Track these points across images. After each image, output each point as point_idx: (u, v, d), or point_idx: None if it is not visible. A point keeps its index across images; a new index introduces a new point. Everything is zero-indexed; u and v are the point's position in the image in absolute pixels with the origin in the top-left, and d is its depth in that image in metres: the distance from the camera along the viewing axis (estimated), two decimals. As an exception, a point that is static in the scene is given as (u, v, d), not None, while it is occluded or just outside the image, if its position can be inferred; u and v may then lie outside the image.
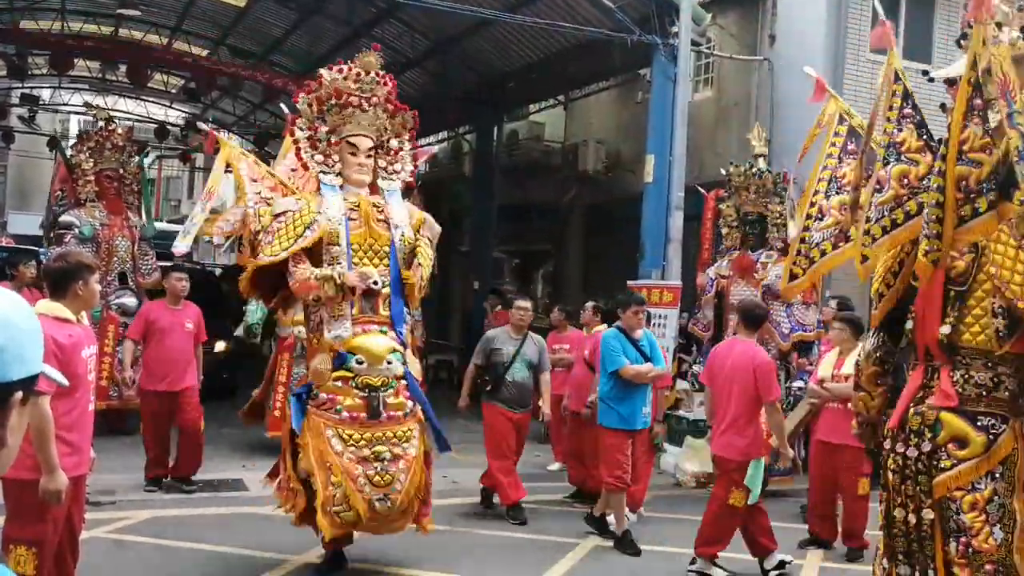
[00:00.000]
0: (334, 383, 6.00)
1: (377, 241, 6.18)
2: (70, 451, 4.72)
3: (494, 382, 8.67)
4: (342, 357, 5.98)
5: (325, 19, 18.14)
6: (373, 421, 5.95)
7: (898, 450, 4.51)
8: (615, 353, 7.92)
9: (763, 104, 14.47)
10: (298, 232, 6.00)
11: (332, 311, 5.98)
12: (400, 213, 6.32)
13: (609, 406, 7.96)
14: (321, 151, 6.29)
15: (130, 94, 27.11)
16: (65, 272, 4.90)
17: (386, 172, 6.46)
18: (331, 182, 6.23)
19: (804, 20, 14.01)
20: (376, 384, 5.99)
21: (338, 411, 5.94)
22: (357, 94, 6.30)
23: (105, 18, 21.55)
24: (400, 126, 6.55)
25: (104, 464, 7.34)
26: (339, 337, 5.97)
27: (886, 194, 4.60)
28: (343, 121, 6.29)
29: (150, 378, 8.88)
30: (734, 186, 10.89)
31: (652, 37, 13.09)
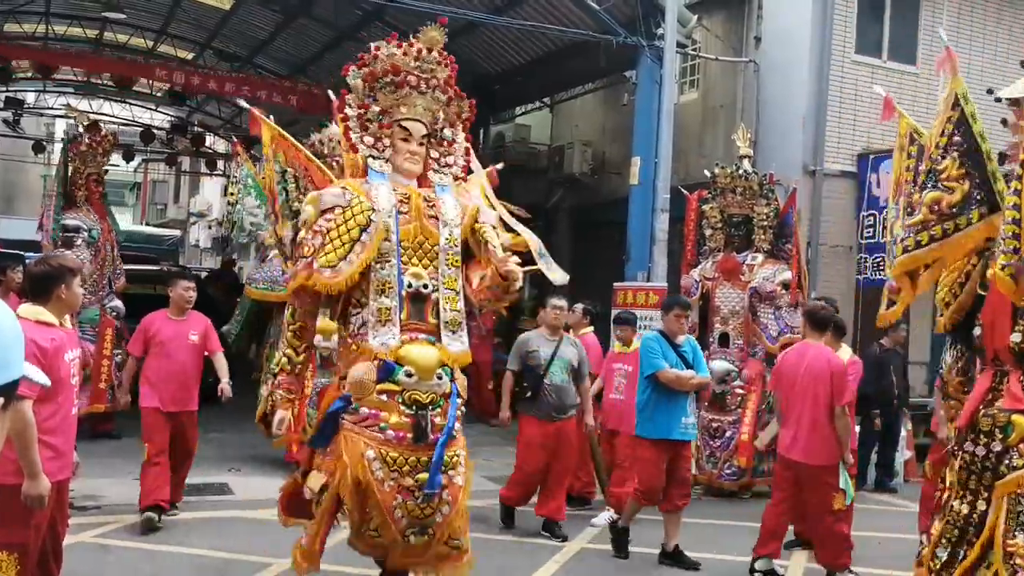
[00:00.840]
0: (378, 397, 5.14)
1: (428, 239, 5.36)
2: (53, 455, 4.68)
3: (532, 388, 8.17)
4: (388, 368, 5.14)
5: (310, 21, 18.12)
6: (419, 444, 5.13)
7: (967, 449, 4.86)
8: (654, 355, 7.50)
9: (749, 106, 14.49)
10: (353, 235, 5.15)
11: (380, 315, 5.19)
12: (453, 211, 5.48)
13: (646, 415, 7.56)
14: (372, 132, 5.48)
15: (116, 97, 27.02)
16: (47, 275, 4.87)
17: (438, 164, 5.66)
18: (379, 168, 5.44)
19: (790, 22, 14.04)
20: (424, 401, 5.17)
21: (382, 429, 5.09)
22: (416, 73, 5.49)
23: (90, 21, 21.48)
24: (455, 115, 5.76)
25: (88, 468, 7.35)
26: (386, 345, 5.14)
27: (915, 218, 5.03)
28: (397, 102, 5.48)
29: (151, 394, 7.96)
30: (719, 187, 10.89)
31: (637, 39, 13.10)
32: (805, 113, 13.73)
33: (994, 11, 15.02)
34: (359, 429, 5.11)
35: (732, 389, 10.31)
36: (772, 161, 12.82)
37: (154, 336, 8.04)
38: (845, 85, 13.99)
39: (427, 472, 5.06)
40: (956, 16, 14.73)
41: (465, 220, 5.48)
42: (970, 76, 14.71)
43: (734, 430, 10.22)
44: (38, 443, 4.49)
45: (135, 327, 9.73)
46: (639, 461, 7.64)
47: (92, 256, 11.14)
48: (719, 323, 10.59)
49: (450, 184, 5.62)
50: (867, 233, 13.51)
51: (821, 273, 13.63)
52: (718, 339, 10.57)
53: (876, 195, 13.42)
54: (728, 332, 10.52)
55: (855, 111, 14.09)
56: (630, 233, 13.10)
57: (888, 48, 14.37)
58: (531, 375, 8.17)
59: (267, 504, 8.63)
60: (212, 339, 8.27)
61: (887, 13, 14.34)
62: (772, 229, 10.72)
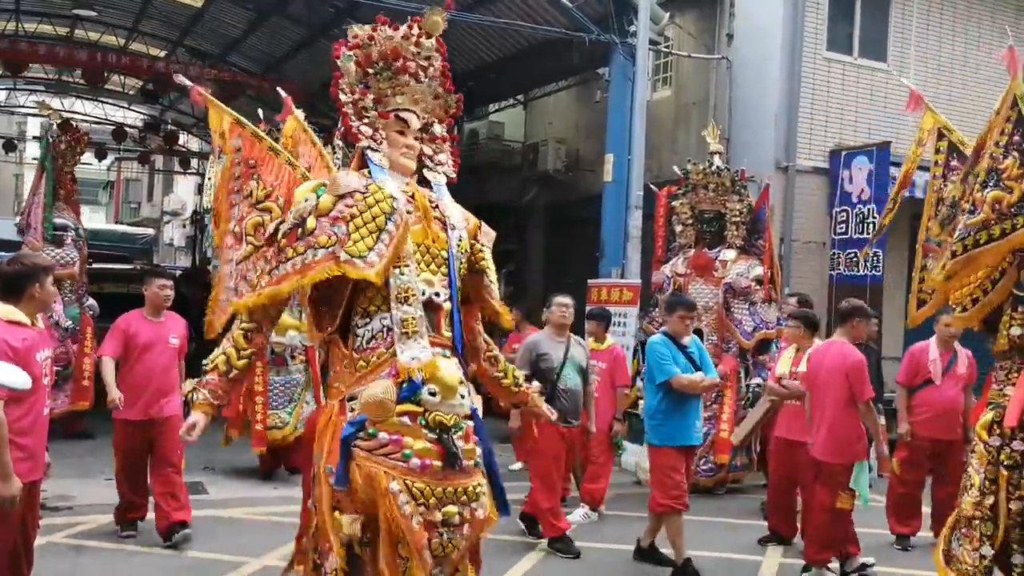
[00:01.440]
0: (399, 419, 4.43)
1: (435, 243, 4.75)
2: (24, 456, 4.66)
3: (546, 393, 7.45)
4: (413, 386, 4.46)
5: (283, 20, 18.04)
6: (449, 472, 4.46)
7: (1015, 448, 5.09)
8: (665, 362, 7.20)
9: (721, 103, 14.57)
10: (379, 224, 4.49)
11: (405, 325, 4.51)
12: (456, 213, 4.95)
13: (659, 421, 7.28)
14: (369, 122, 4.84)
15: (87, 95, 26.83)
16: (20, 274, 4.85)
17: (432, 161, 5.07)
18: (381, 162, 4.78)
19: (762, 19, 14.12)
20: (448, 423, 4.51)
21: (406, 456, 4.38)
22: (415, 60, 4.92)
23: (60, 19, 21.31)
24: (442, 110, 5.19)
25: (61, 469, 7.31)
26: (418, 359, 4.46)
27: (977, 216, 5.08)
28: (393, 91, 4.88)
29: (125, 402, 7.32)
30: (692, 184, 10.93)
31: (610, 36, 13.14)
32: (777, 110, 13.81)
33: (963, 8, 15.15)
34: (378, 458, 4.38)
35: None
36: (745, 158, 12.90)
37: (132, 338, 7.43)
38: (817, 82, 14.09)
39: (455, 505, 4.44)
40: (926, 13, 14.86)
41: (471, 227, 4.98)
42: (940, 72, 14.93)
43: (710, 426, 10.25)
44: (9, 444, 4.48)
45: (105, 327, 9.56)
46: (659, 471, 7.27)
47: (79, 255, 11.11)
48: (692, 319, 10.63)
49: (445, 184, 5.07)
50: (840, 229, 13.61)
51: (794, 269, 13.72)
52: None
53: (848, 191, 13.52)
54: (702, 328, 10.55)
55: (827, 108, 14.19)
56: (604, 230, 13.15)
57: (859, 45, 14.48)
58: (543, 380, 7.42)
59: (241, 503, 8.67)
60: (186, 343, 7.81)
61: (858, 10, 14.45)
62: (745, 225, 10.77)
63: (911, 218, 14.47)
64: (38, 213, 10.65)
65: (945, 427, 8.10)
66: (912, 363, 8.44)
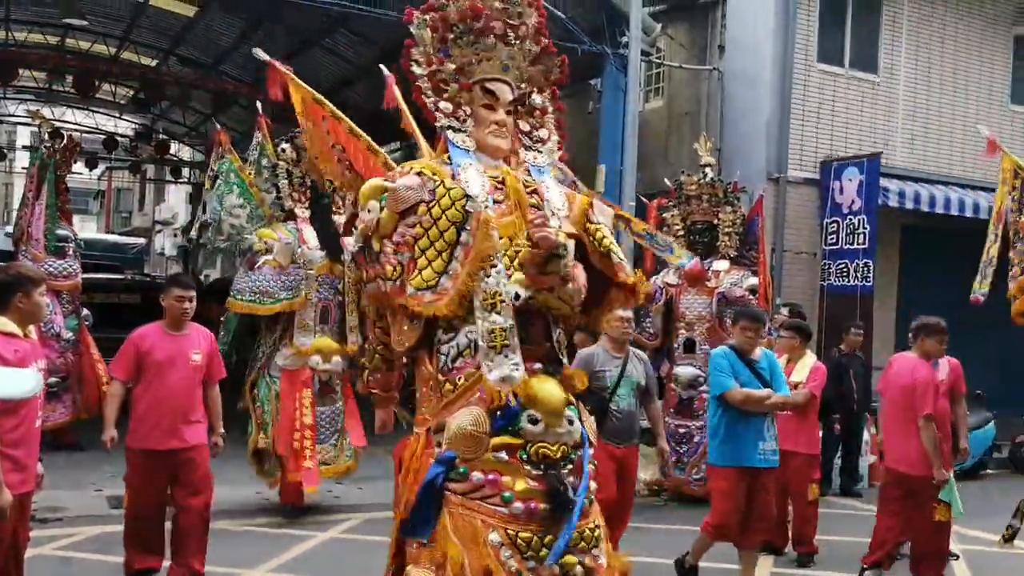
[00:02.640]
0: (495, 455, 3.74)
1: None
2: (15, 468, 4.62)
3: (597, 412, 6.67)
4: (510, 413, 3.76)
5: (275, 28, 18.05)
6: (560, 515, 3.75)
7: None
8: (722, 374, 6.76)
9: (713, 113, 14.62)
10: (449, 239, 3.86)
11: (493, 338, 3.77)
12: (559, 199, 4.17)
13: (718, 440, 6.84)
14: (450, 97, 4.14)
15: (78, 104, 26.80)
16: (5, 285, 4.81)
17: (530, 139, 4.32)
18: (463, 144, 4.09)
19: (753, 31, 14.18)
20: (555, 457, 3.79)
21: (506, 500, 3.71)
22: (502, 18, 4.19)
23: (52, 28, 21.28)
24: (543, 76, 4.43)
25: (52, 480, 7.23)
26: (510, 379, 3.74)
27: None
28: (477, 57, 4.16)
29: (137, 431, 6.30)
30: (685, 195, 10.92)
31: (602, 47, 13.18)
32: (768, 121, 13.86)
33: (952, 21, 15.23)
34: (472, 502, 3.72)
35: (700, 394, 10.34)
36: (736, 168, 12.92)
37: (147, 354, 6.34)
38: (808, 93, 14.14)
39: (573, 553, 3.76)
40: (916, 25, 14.94)
41: (575, 213, 4.19)
42: (929, 84, 15.00)
43: (701, 436, 10.24)
44: (1, 456, 4.46)
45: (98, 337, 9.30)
46: (714, 493, 6.94)
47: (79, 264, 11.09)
48: (684, 329, 10.61)
49: (547, 165, 4.34)
50: (831, 240, 13.65)
51: (785, 279, 13.75)
52: (684, 345, 10.59)
53: (839, 202, 13.57)
54: (694, 338, 10.54)
55: (818, 119, 14.25)
56: (596, 240, 13.13)
57: (850, 57, 14.54)
58: (596, 398, 6.83)
59: (237, 514, 8.61)
60: (216, 363, 6.66)
61: (848, 23, 14.52)
62: (738, 235, 10.77)
63: (901, 229, 14.56)
64: (39, 224, 10.60)
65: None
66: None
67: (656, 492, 10.54)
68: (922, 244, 14.69)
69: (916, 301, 13.06)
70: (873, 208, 13.10)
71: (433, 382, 3.94)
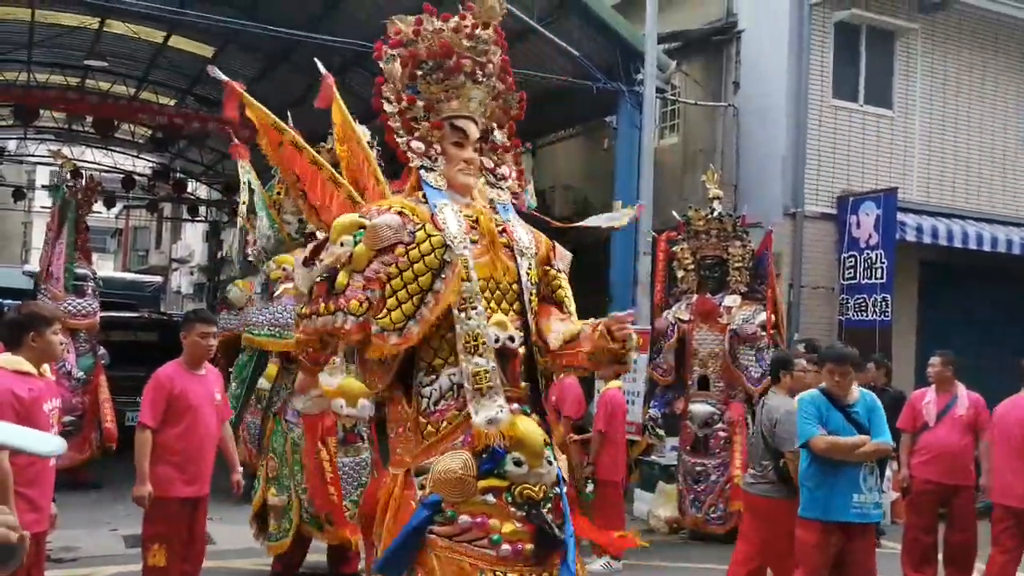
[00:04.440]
0: (482, 498, 3.72)
1: (506, 276, 4.01)
2: (29, 507, 4.62)
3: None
4: (496, 456, 3.73)
5: (291, 68, 18.20)
6: (545, 553, 3.76)
7: None
8: (806, 420, 6.26)
9: (729, 149, 14.62)
10: (423, 284, 3.77)
11: (477, 380, 3.74)
12: (525, 236, 4.18)
13: (806, 488, 6.34)
14: (421, 135, 4.11)
15: (97, 144, 27.05)
16: (17, 324, 4.85)
17: (494, 176, 4.34)
18: (438, 183, 4.06)
19: (767, 67, 14.20)
20: (538, 497, 3.78)
21: (494, 542, 3.68)
22: (471, 56, 4.15)
23: (72, 69, 21.54)
24: (503, 111, 4.43)
25: (67, 519, 7.21)
26: (495, 422, 3.71)
27: None
28: (446, 94, 4.15)
29: (173, 479, 6.03)
30: (693, 230, 10.88)
31: (617, 85, 13.23)
32: (784, 156, 13.84)
33: (967, 56, 15.23)
34: (459, 546, 3.67)
35: (715, 432, 10.27)
36: (752, 204, 12.90)
37: (179, 398, 6.08)
38: (823, 128, 14.13)
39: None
40: (930, 61, 14.94)
41: (541, 253, 4.23)
42: (944, 119, 14.98)
43: (718, 474, 10.16)
44: (15, 495, 4.44)
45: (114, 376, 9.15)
46: (800, 546, 6.38)
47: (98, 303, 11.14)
48: (698, 366, 10.54)
49: (511, 203, 4.35)
50: (848, 274, 13.58)
51: (803, 314, 13.68)
52: (698, 382, 10.52)
53: (856, 236, 13.52)
54: (708, 375, 10.47)
55: (834, 154, 14.22)
56: (612, 276, 13.15)
57: (864, 92, 14.54)
58: (780, 451, 6.74)
59: (248, 554, 8.56)
60: (226, 401, 6.58)
61: (863, 58, 14.53)
62: (748, 270, 10.70)
63: (919, 263, 14.48)
64: (59, 263, 10.66)
65: (946, 471, 8.00)
66: (909, 408, 8.48)
67: (675, 530, 10.44)
68: (940, 278, 14.61)
69: (935, 335, 12.97)
70: (891, 243, 13.04)
71: (412, 424, 3.87)
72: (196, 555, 6.32)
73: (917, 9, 14.70)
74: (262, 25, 13.26)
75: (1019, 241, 14.40)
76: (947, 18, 14.99)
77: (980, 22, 15.26)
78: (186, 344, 6.23)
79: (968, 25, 15.22)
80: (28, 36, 18.92)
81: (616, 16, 13.56)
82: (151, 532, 6.07)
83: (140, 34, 18.94)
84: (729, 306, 10.50)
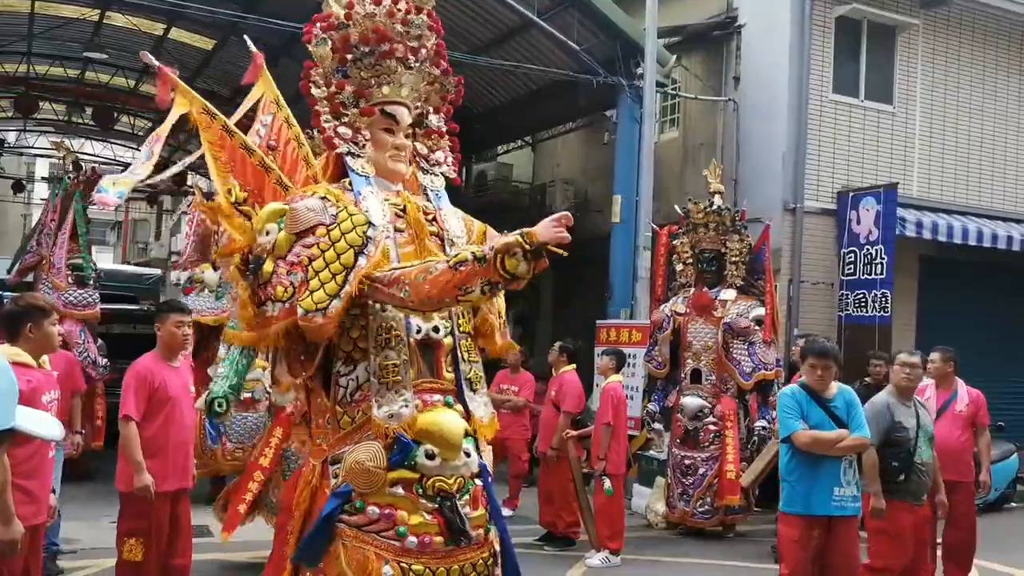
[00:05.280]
0: (390, 490, 3.71)
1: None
2: (27, 499, 4.61)
3: (902, 469, 6.64)
4: (404, 448, 3.70)
5: (292, 61, 18.17)
6: (452, 548, 3.76)
7: None
8: (788, 415, 6.29)
9: (729, 144, 14.61)
10: (346, 262, 3.67)
11: (384, 374, 3.73)
12: (456, 223, 4.13)
13: (789, 484, 6.33)
14: (349, 122, 4.06)
15: (97, 136, 27.01)
16: (14, 315, 4.85)
17: (427, 162, 4.26)
18: (362, 170, 3.99)
19: (768, 62, 14.18)
20: (451, 488, 3.76)
21: (400, 535, 3.67)
22: (403, 41, 4.08)
23: (72, 61, 21.50)
24: (438, 96, 4.39)
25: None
26: (398, 416, 3.69)
27: None
28: (377, 80, 4.08)
29: (151, 471, 5.96)
30: (692, 223, 10.88)
31: (617, 79, 13.23)
32: (784, 151, 13.82)
33: (967, 52, 15.21)
34: (367, 535, 3.69)
35: (705, 426, 10.26)
36: (752, 199, 12.89)
37: (160, 389, 6.04)
38: (824, 123, 14.12)
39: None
40: (931, 56, 14.92)
41: (474, 239, 4.14)
42: (945, 114, 14.97)
43: (707, 467, 10.16)
44: (12, 487, 4.43)
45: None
46: (782, 541, 6.46)
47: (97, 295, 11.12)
48: (691, 359, 10.55)
49: (443, 189, 4.26)
50: (848, 270, 13.58)
51: (803, 310, 13.67)
52: (690, 375, 10.52)
53: (856, 232, 13.51)
54: (700, 368, 10.48)
55: (834, 149, 14.21)
56: (612, 271, 13.15)
57: (865, 88, 14.52)
58: (898, 453, 6.65)
59: (247, 547, 8.56)
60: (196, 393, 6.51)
61: (863, 53, 14.50)
62: (744, 264, 10.71)
63: (919, 259, 14.48)
64: (61, 253, 10.62)
65: (945, 466, 7.95)
66: None
67: (673, 525, 10.45)
68: (940, 274, 14.60)
69: (934, 331, 12.97)
70: (890, 238, 13.03)
71: (330, 414, 3.84)
72: (184, 548, 6.30)
73: (918, 4, 14.67)
74: (263, 18, 13.24)
75: (1019, 237, 14.39)
76: (948, 13, 14.97)
77: (981, 17, 15.24)
78: (161, 335, 6.20)
79: (969, 20, 15.20)
80: (28, 27, 18.88)
81: (616, 10, 13.55)
82: (128, 526, 6.03)
83: (140, 26, 18.89)
84: (724, 300, 10.51)
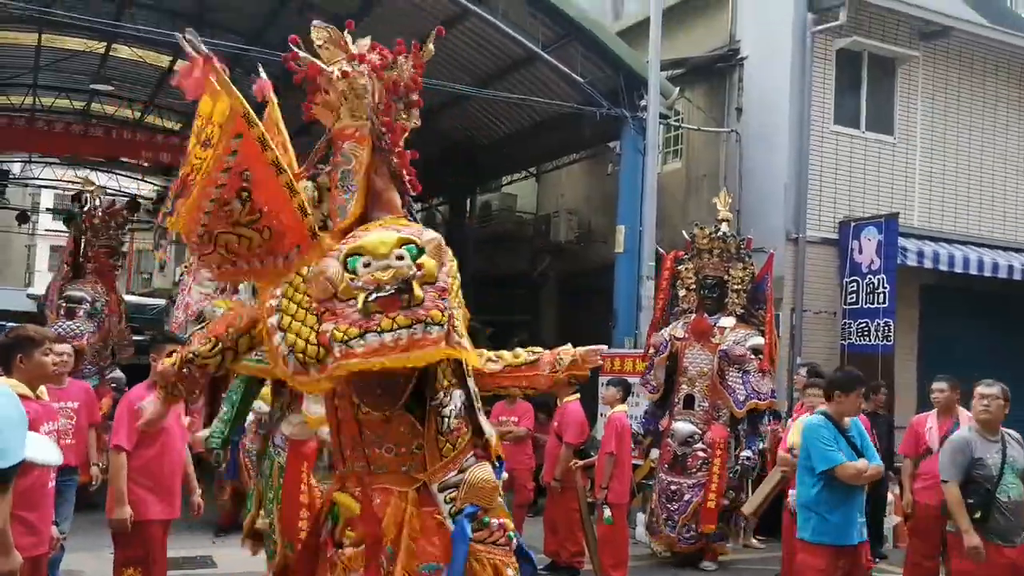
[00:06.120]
0: (500, 502, 4.06)
1: None
2: (27, 531, 4.61)
3: (979, 507, 6.28)
4: (500, 463, 4.16)
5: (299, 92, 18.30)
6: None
7: None
8: (828, 447, 6.16)
9: (731, 174, 14.66)
10: (460, 299, 4.01)
11: (476, 398, 4.11)
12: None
13: (819, 515, 6.18)
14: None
15: (102, 167, 27.14)
16: (5, 347, 4.87)
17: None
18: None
19: (769, 93, 14.26)
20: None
21: (511, 538, 4.02)
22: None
23: (77, 93, 21.65)
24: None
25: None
26: (492, 435, 4.13)
27: None
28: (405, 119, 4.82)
29: (146, 500, 6.04)
30: (697, 248, 10.88)
31: (621, 111, 13.32)
32: (787, 182, 13.88)
33: (967, 84, 15.29)
34: (492, 547, 3.93)
35: (694, 451, 10.21)
36: (755, 228, 12.93)
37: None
38: (825, 154, 14.18)
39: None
40: (931, 87, 15.00)
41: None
42: (945, 145, 15.03)
43: (692, 494, 10.10)
44: (12, 518, 4.44)
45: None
46: (806, 570, 6.26)
47: (96, 328, 11.14)
48: (686, 384, 10.51)
49: None
50: (850, 299, 13.59)
51: (805, 339, 13.68)
52: (683, 400, 10.48)
53: (858, 261, 13.54)
54: (694, 394, 10.44)
55: (835, 179, 14.26)
56: (616, 300, 13.19)
57: (866, 119, 14.60)
58: (978, 491, 6.33)
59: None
60: (189, 424, 6.63)
61: (864, 85, 14.59)
62: (746, 293, 10.70)
63: (920, 289, 14.49)
64: (55, 285, 10.73)
65: None
66: (911, 433, 8.48)
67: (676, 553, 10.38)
68: (941, 303, 14.61)
69: (935, 360, 12.96)
70: (892, 268, 13.06)
71: (430, 443, 3.91)
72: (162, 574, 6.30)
73: (918, 37, 14.77)
74: (265, 50, 13.32)
75: (1019, 267, 14.41)
76: (948, 46, 15.06)
77: (980, 50, 15.33)
78: (155, 366, 5.81)
79: (968, 53, 15.29)
80: (34, 60, 19.03)
81: (620, 43, 13.66)
82: (126, 556, 6.04)
83: (146, 59, 19.05)
84: (723, 327, 10.50)
